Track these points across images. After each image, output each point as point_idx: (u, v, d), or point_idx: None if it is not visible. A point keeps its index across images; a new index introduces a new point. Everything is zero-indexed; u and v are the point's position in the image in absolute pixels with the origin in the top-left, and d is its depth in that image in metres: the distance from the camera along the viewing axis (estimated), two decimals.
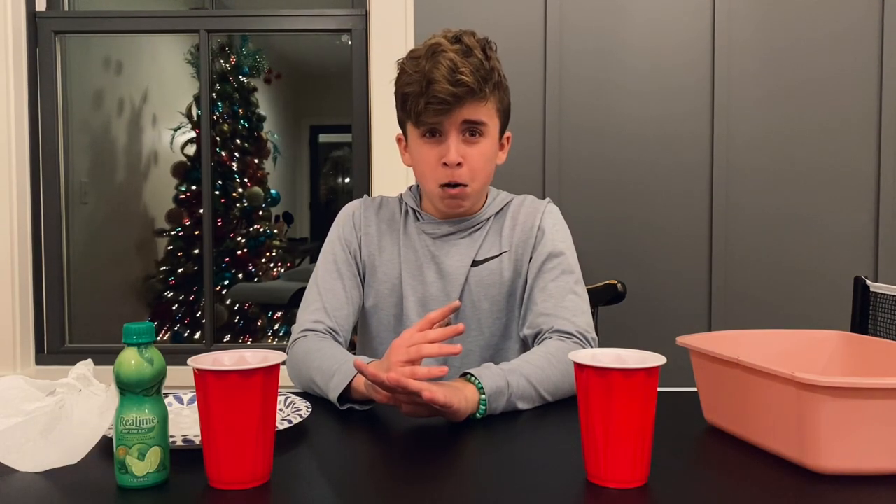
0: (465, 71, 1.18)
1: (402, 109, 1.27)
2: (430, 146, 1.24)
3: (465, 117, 1.22)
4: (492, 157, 1.28)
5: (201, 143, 2.55)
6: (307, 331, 1.26)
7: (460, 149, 1.23)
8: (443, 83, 1.18)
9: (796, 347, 1.06)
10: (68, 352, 2.40)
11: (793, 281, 2.23)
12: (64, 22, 2.38)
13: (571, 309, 1.24)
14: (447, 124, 1.22)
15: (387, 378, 0.94)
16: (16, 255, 2.26)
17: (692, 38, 2.21)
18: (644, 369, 0.76)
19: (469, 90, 1.19)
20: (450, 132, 1.22)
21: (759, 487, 0.77)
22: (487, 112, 1.24)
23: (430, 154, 1.24)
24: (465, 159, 1.23)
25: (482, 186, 1.28)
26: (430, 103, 1.19)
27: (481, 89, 1.20)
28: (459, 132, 1.23)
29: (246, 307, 3.99)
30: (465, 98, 1.19)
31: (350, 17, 2.32)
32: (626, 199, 2.24)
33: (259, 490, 0.77)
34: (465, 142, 1.23)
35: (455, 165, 1.22)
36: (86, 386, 0.94)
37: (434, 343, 1.03)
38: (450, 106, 1.19)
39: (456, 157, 1.22)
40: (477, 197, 1.29)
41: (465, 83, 1.18)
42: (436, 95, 1.18)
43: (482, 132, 1.24)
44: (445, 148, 1.22)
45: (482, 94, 1.21)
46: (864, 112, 2.21)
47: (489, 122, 1.25)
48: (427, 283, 1.30)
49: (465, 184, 1.24)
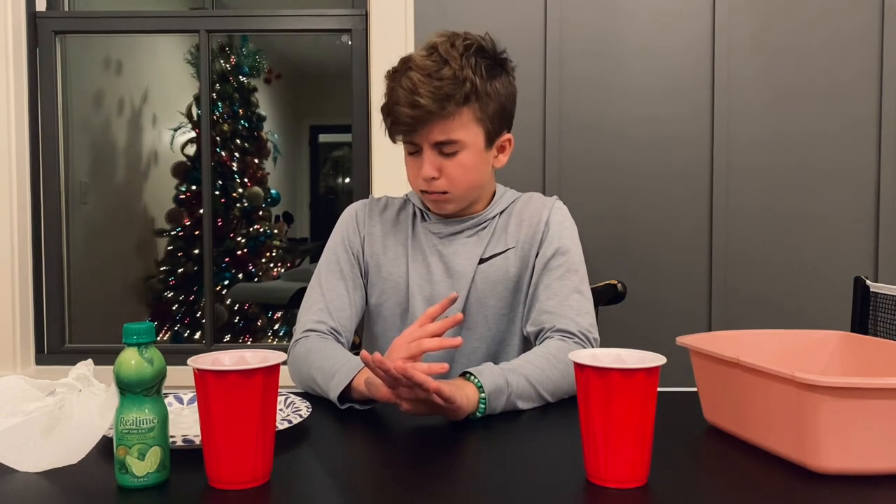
0: (423, 92, 1.16)
1: None
2: (412, 158, 1.27)
3: (434, 139, 1.21)
4: (474, 166, 1.25)
5: (201, 143, 2.56)
6: (309, 331, 1.26)
7: (436, 163, 1.23)
8: (403, 106, 1.18)
9: (796, 347, 1.06)
10: (68, 352, 2.40)
11: (793, 281, 2.23)
12: (64, 22, 2.37)
13: (575, 308, 1.24)
14: (419, 140, 1.23)
15: (392, 366, 0.94)
16: (16, 254, 2.26)
17: (692, 38, 2.21)
18: (644, 369, 0.76)
19: (427, 112, 1.17)
20: (424, 148, 1.23)
21: (759, 487, 0.78)
22: (460, 126, 1.21)
23: (412, 165, 1.27)
24: (442, 171, 1.23)
25: (466, 192, 1.27)
26: (394, 124, 1.21)
27: (443, 108, 1.17)
28: (433, 148, 1.22)
29: (246, 307, 4.00)
30: (427, 119, 1.18)
31: (350, 17, 2.32)
32: (627, 200, 2.24)
33: (259, 490, 0.77)
34: (441, 155, 1.23)
35: (430, 179, 1.23)
36: (86, 386, 0.94)
37: (434, 337, 1.03)
38: (412, 128, 1.20)
39: (429, 172, 1.22)
40: (464, 199, 1.29)
41: (422, 105, 1.17)
42: (397, 118, 1.19)
43: (458, 148, 1.22)
44: (421, 162, 1.24)
45: (446, 113, 1.18)
46: (865, 113, 2.20)
47: (463, 137, 1.21)
48: (435, 281, 1.29)
49: (445, 191, 1.25)
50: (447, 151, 1.22)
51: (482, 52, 1.23)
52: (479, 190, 1.30)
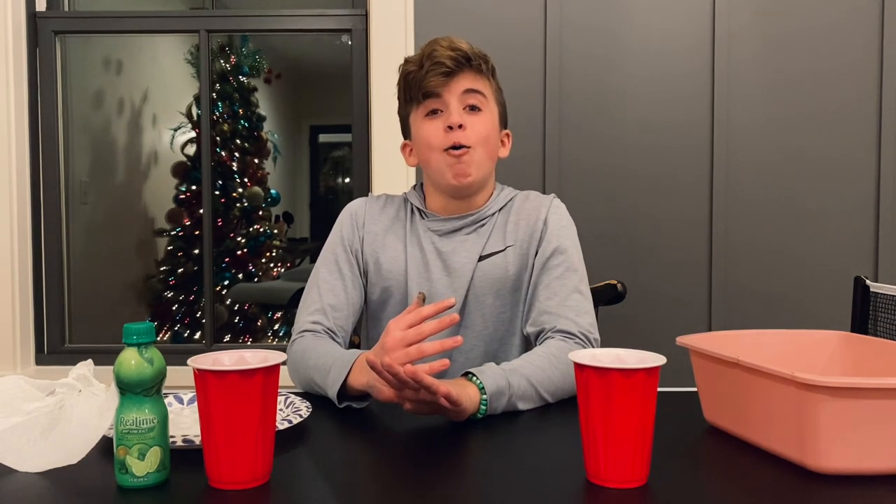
0: (464, 45, 1.27)
1: (404, 94, 1.31)
2: (432, 121, 1.28)
3: (466, 86, 1.27)
4: (493, 130, 1.30)
5: (201, 143, 2.55)
6: (305, 331, 1.26)
7: (462, 116, 1.27)
8: (443, 51, 1.25)
9: (796, 347, 1.06)
10: (68, 352, 2.40)
11: (793, 281, 2.23)
12: (64, 22, 2.37)
13: (575, 308, 1.24)
14: (447, 95, 1.26)
15: (404, 370, 0.94)
16: (16, 255, 2.26)
17: (691, 35, 2.21)
18: (644, 369, 0.76)
19: (467, 57, 1.26)
20: (450, 102, 1.26)
21: (759, 487, 0.77)
22: (487, 88, 1.30)
23: (432, 126, 1.28)
24: (468, 125, 1.26)
25: (484, 156, 1.28)
26: (431, 70, 1.25)
27: (478, 62, 1.27)
28: (460, 102, 1.27)
29: (246, 307, 3.99)
30: (465, 66, 1.26)
31: (350, 17, 2.32)
32: (627, 199, 2.24)
33: (259, 490, 0.77)
34: (466, 112, 1.28)
35: (458, 127, 1.25)
36: (86, 386, 0.94)
37: (434, 340, 1.03)
38: (450, 71, 1.25)
39: (458, 118, 1.25)
40: (480, 167, 1.28)
41: (464, 51, 1.26)
42: (437, 61, 1.24)
43: (482, 105, 1.28)
44: (448, 115, 1.26)
45: (478, 65, 1.27)
46: (865, 117, 2.20)
47: (489, 97, 1.30)
48: (433, 279, 1.29)
49: (469, 146, 1.26)
50: (473, 103, 1.28)
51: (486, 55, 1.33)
52: (491, 167, 1.32)
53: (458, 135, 1.25)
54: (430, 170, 1.30)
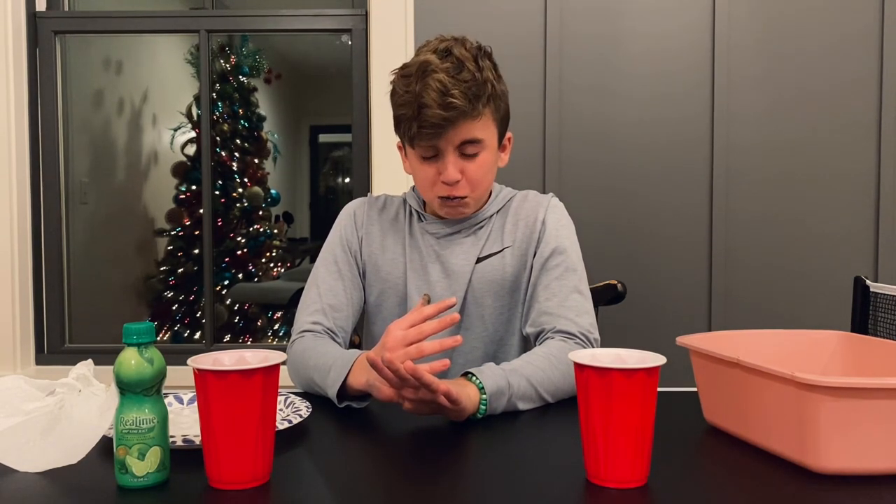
0: (456, 93, 1.16)
1: (397, 130, 1.26)
2: (427, 164, 1.24)
3: (462, 138, 1.20)
4: (491, 166, 1.27)
5: (201, 143, 2.55)
6: (305, 332, 1.26)
7: (458, 165, 1.22)
8: (433, 108, 1.16)
9: (796, 347, 1.06)
10: (68, 352, 2.40)
11: (793, 281, 2.23)
12: (64, 22, 2.37)
13: (575, 309, 1.24)
14: (443, 145, 1.21)
15: (404, 367, 0.94)
16: (16, 255, 2.26)
17: (692, 40, 2.21)
18: (644, 369, 0.76)
19: (461, 112, 1.17)
20: (446, 151, 1.21)
21: (759, 487, 0.77)
22: (483, 127, 1.22)
23: (428, 171, 1.24)
24: (464, 173, 1.23)
25: (483, 194, 1.28)
26: (422, 128, 1.18)
27: (474, 108, 1.18)
28: (456, 150, 1.21)
29: (246, 307, 3.99)
30: (458, 120, 1.18)
31: (350, 17, 2.32)
32: (627, 200, 2.24)
33: (259, 490, 0.77)
34: (462, 157, 1.22)
35: (454, 183, 1.22)
36: (86, 386, 0.94)
37: (434, 340, 1.03)
38: (442, 129, 1.18)
39: (454, 175, 1.21)
40: (478, 202, 1.30)
41: (456, 106, 1.16)
42: (427, 121, 1.17)
43: (479, 148, 1.23)
44: (443, 166, 1.22)
45: (475, 113, 1.19)
46: (865, 116, 2.20)
47: (486, 137, 1.23)
48: (432, 281, 1.29)
49: (464, 196, 1.24)
50: (470, 152, 1.22)
51: (488, 55, 1.25)
52: (489, 189, 1.31)
53: (454, 189, 1.23)
54: (424, 198, 1.31)
